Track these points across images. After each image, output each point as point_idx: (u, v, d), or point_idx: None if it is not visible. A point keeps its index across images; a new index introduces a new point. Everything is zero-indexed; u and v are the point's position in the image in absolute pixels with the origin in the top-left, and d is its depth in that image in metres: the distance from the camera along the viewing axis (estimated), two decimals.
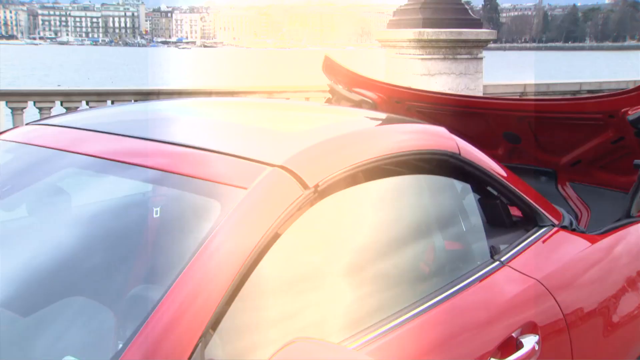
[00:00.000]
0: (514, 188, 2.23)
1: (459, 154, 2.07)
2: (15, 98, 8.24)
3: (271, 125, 2.30)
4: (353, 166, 1.76)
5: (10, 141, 2.05)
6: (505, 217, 2.27)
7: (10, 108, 8.14)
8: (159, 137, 1.92)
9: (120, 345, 1.34)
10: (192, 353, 1.32)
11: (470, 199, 2.04)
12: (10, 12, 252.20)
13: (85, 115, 2.50)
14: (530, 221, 2.28)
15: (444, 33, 8.32)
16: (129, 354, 1.30)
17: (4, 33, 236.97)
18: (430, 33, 8.25)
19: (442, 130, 2.18)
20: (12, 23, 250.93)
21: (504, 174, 2.24)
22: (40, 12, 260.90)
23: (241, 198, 1.54)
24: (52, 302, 1.59)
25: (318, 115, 2.46)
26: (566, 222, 2.35)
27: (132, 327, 1.35)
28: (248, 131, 2.10)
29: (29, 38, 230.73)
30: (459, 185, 2.08)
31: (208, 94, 9.00)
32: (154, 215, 1.86)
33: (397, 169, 1.97)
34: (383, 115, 2.68)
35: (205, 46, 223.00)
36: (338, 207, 1.80)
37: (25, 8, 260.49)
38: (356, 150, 1.84)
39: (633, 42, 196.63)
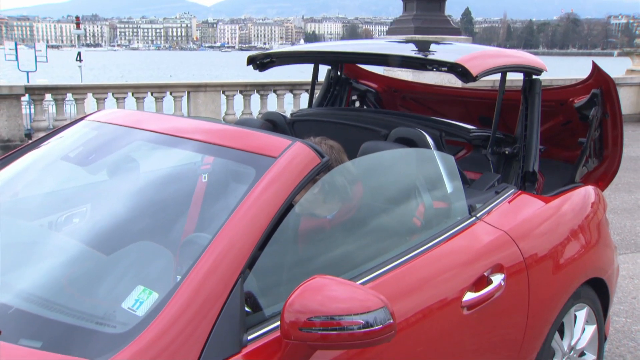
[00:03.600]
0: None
1: (539, 78, 2.56)
2: (98, 90, 8.36)
3: (435, 47, 2.75)
4: (495, 67, 2.29)
5: (94, 121, 2.02)
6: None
7: (95, 98, 8.24)
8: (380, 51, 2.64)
9: (179, 278, 1.32)
10: (233, 286, 1.30)
11: (454, 168, 1.98)
12: (97, 26, 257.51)
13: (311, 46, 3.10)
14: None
15: (431, 38, 8.24)
16: (185, 284, 1.28)
17: (91, 42, 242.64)
18: (419, 38, 8.19)
19: (537, 58, 2.64)
20: (97, 34, 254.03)
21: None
22: (118, 25, 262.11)
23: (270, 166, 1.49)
24: (127, 244, 1.57)
25: (459, 46, 2.95)
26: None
27: (187, 265, 1.33)
28: (425, 49, 2.60)
29: (110, 45, 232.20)
30: (446, 157, 2.02)
31: (244, 86, 8.96)
32: (203, 180, 1.83)
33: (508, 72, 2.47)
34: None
35: (242, 49, 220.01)
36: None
37: (107, 23, 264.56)
38: (495, 61, 2.36)
39: (574, 50, 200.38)
